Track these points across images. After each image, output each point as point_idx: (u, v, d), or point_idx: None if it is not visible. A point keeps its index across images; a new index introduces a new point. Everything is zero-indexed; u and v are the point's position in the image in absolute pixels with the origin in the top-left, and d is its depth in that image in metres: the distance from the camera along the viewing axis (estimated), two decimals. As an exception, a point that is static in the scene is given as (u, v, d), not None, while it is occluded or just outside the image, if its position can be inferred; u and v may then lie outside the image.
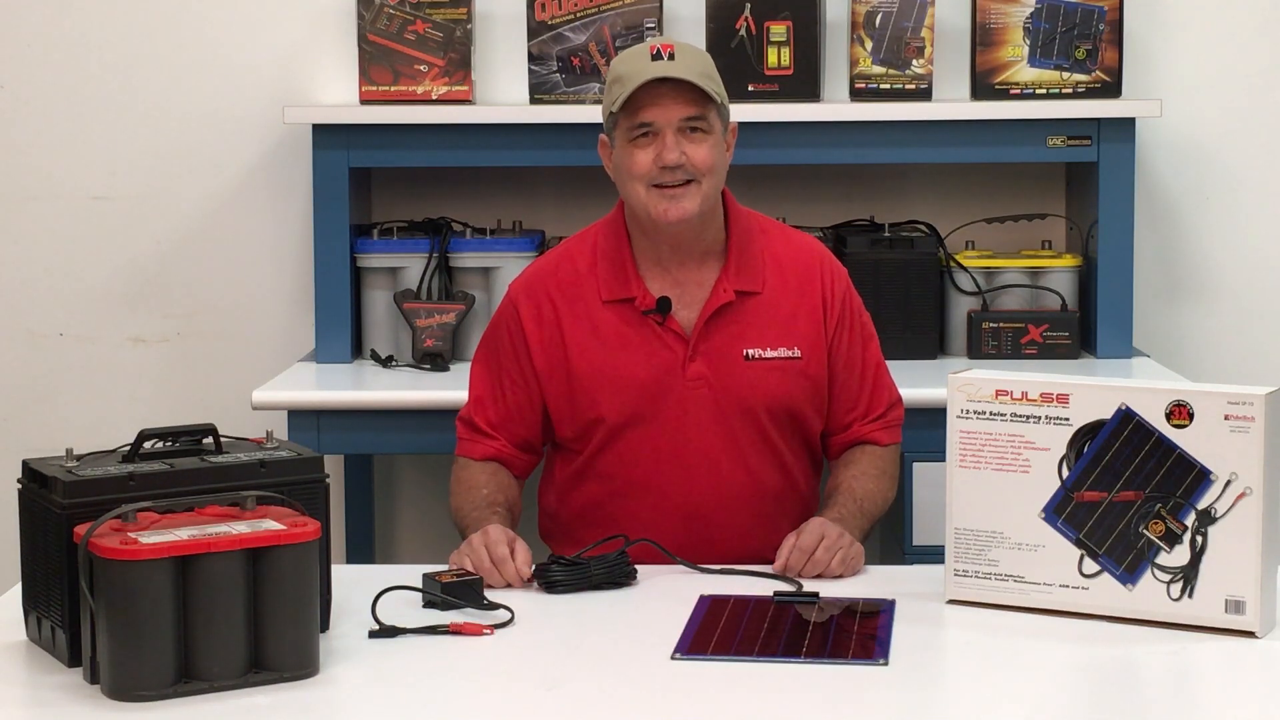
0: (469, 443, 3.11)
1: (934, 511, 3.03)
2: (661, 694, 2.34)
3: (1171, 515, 2.55)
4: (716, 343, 3.01)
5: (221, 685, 2.29)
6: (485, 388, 3.10)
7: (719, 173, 2.98)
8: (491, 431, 3.09)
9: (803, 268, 3.07)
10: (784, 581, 2.77)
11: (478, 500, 3.03)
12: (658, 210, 2.94)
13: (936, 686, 2.45)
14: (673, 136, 2.92)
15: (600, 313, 3.02)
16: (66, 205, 4.33)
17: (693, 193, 2.94)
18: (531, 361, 3.04)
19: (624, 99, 2.91)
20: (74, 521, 2.34)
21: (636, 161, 2.94)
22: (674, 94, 2.92)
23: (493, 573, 2.74)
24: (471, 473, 3.09)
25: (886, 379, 3.12)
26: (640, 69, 2.93)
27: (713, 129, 2.95)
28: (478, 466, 3.09)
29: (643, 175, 2.94)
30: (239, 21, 4.28)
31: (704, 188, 2.95)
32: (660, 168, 2.92)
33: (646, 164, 2.93)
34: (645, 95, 2.91)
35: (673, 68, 2.92)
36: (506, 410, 3.08)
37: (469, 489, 3.06)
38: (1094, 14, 4.07)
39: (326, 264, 4.05)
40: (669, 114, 2.92)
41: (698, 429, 3.00)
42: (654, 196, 2.94)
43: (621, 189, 3.00)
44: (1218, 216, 4.31)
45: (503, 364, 3.08)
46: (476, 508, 3.01)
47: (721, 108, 2.97)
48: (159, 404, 4.33)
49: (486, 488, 3.05)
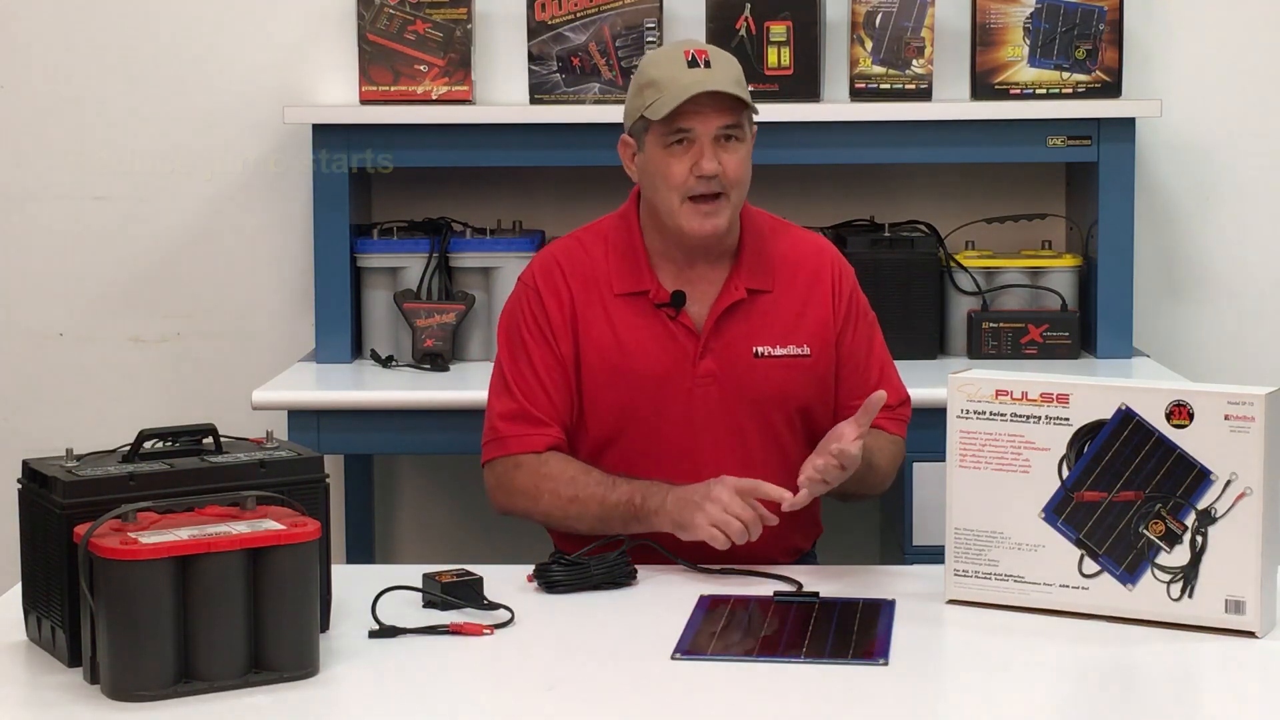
0: (524, 438, 2.97)
1: (934, 511, 3.03)
2: (661, 694, 2.34)
3: (1171, 515, 2.55)
4: (727, 339, 3.01)
5: (221, 685, 2.29)
6: (522, 378, 3.00)
7: (745, 183, 2.99)
8: (547, 421, 2.98)
9: (812, 266, 3.07)
10: (784, 581, 2.77)
11: (602, 479, 2.92)
12: (690, 225, 2.95)
13: (936, 686, 2.45)
14: (710, 146, 2.92)
15: (613, 304, 3.02)
16: (66, 205, 4.33)
17: (722, 207, 2.95)
18: (560, 345, 3.00)
19: (666, 108, 2.90)
20: (74, 521, 2.34)
21: (673, 171, 2.93)
22: (713, 103, 2.91)
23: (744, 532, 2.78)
24: (555, 465, 2.95)
25: (896, 378, 3.11)
26: (677, 76, 2.91)
27: (745, 136, 2.96)
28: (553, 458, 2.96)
29: (679, 186, 2.93)
30: (239, 21, 4.29)
31: (732, 200, 2.96)
32: (697, 177, 2.92)
33: (683, 174, 2.93)
34: (685, 103, 2.90)
35: (713, 77, 2.91)
36: (550, 401, 2.99)
37: (571, 479, 2.93)
38: (1094, 14, 4.07)
39: (326, 264, 4.05)
40: (708, 123, 2.92)
41: (706, 425, 3.00)
42: (687, 211, 2.94)
43: (651, 194, 2.99)
44: (1218, 216, 4.31)
45: (533, 353, 3.00)
46: (614, 486, 2.90)
47: (753, 113, 2.98)
48: (159, 404, 4.33)
49: (590, 469, 2.94)
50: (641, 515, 2.87)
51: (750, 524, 2.79)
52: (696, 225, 2.95)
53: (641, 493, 2.89)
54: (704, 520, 2.80)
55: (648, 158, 2.97)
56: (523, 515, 3.00)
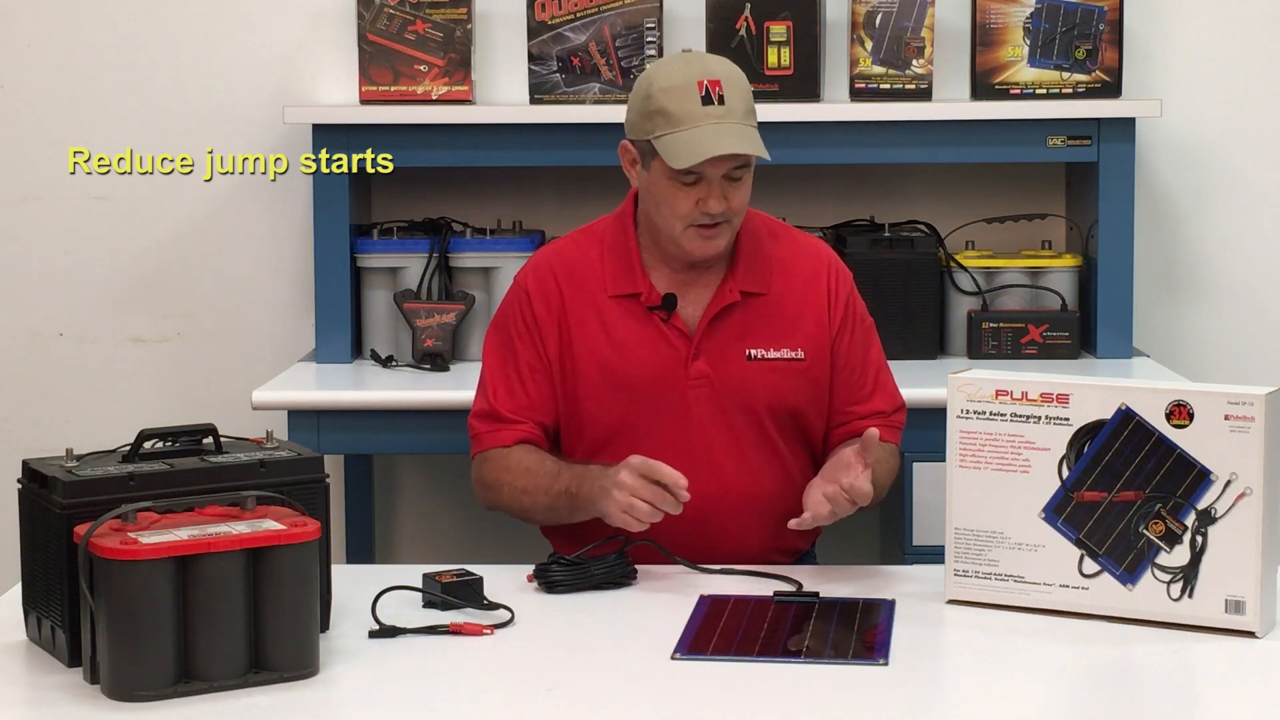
0: (495, 433, 3.02)
1: (934, 511, 3.03)
2: (661, 694, 2.34)
3: (1171, 515, 2.55)
4: (720, 342, 3.00)
5: (221, 685, 2.30)
6: (502, 378, 3.03)
7: (747, 205, 2.99)
8: (517, 418, 3.01)
9: (809, 270, 3.06)
10: (784, 582, 2.77)
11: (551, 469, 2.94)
12: (692, 247, 2.95)
13: (936, 686, 2.45)
14: (719, 186, 2.91)
15: (606, 306, 3.02)
16: (66, 205, 4.33)
17: (724, 232, 2.95)
18: (545, 348, 3.01)
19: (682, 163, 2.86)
20: (74, 521, 2.34)
21: (679, 203, 2.92)
22: None
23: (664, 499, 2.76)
24: (515, 458, 2.99)
25: (891, 384, 3.11)
26: (691, 113, 2.86)
27: (751, 164, 2.95)
28: (517, 451, 2.99)
29: (683, 216, 2.93)
30: (239, 21, 4.29)
31: (734, 225, 2.97)
32: (702, 211, 2.92)
33: (688, 207, 2.92)
34: None
35: (727, 118, 2.87)
36: (528, 399, 3.01)
37: (526, 470, 2.96)
38: (1094, 14, 4.07)
39: (326, 264, 4.05)
40: (719, 167, 2.90)
41: (699, 428, 3.00)
42: (690, 235, 2.94)
43: (653, 213, 2.97)
44: (1218, 216, 4.31)
45: (518, 352, 3.03)
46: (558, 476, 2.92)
47: None
48: (159, 404, 4.33)
49: (547, 459, 2.97)
50: (579, 504, 2.89)
51: (658, 501, 2.77)
52: (699, 247, 2.95)
53: (576, 480, 2.90)
54: (614, 508, 2.80)
55: (652, 180, 2.95)
56: (495, 509, 3.04)
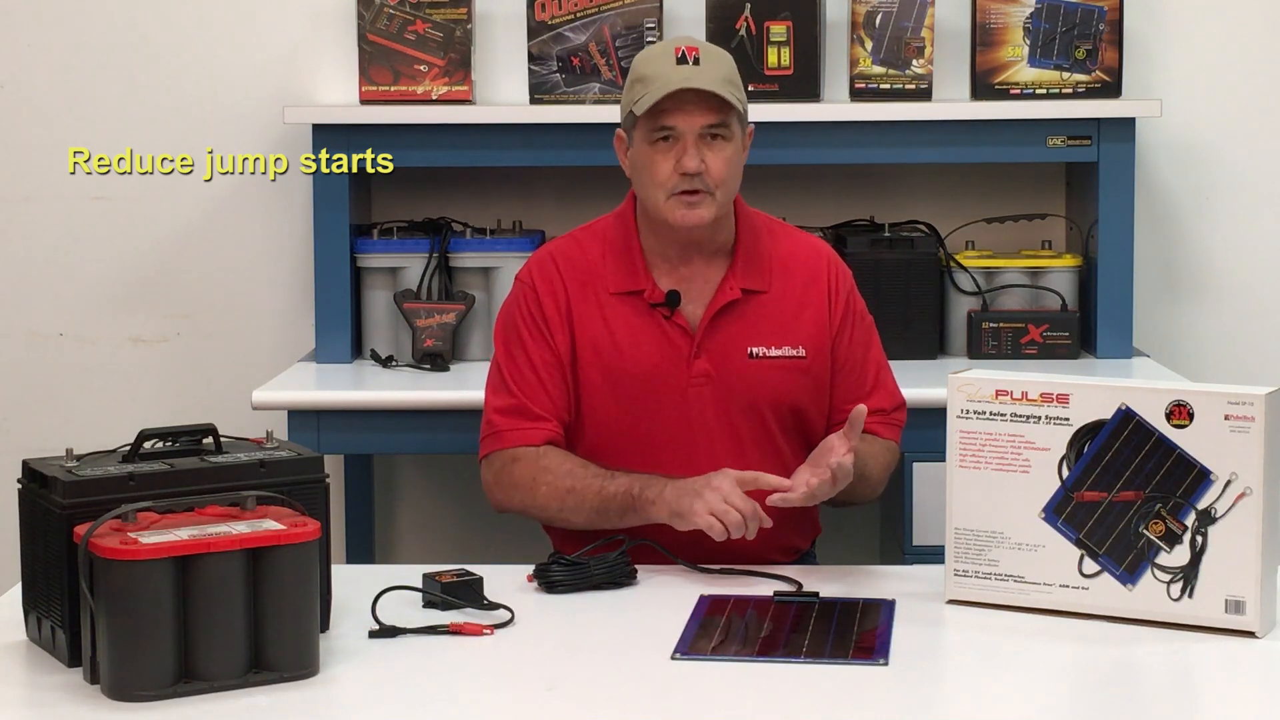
0: (520, 431, 2.98)
1: (934, 511, 3.03)
2: (661, 694, 2.34)
3: (1171, 515, 2.55)
4: (721, 340, 3.01)
5: (221, 685, 2.29)
6: (519, 374, 3.00)
7: (733, 182, 2.99)
8: (545, 415, 2.99)
9: (809, 268, 3.07)
10: (784, 581, 2.77)
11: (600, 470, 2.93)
12: (674, 216, 2.95)
13: (936, 686, 2.45)
14: (694, 143, 2.92)
15: (608, 302, 3.02)
16: (66, 205, 4.33)
17: (707, 203, 2.95)
18: (555, 341, 3.01)
19: (648, 104, 2.91)
20: (74, 521, 2.34)
21: (657, 168, 2.94)
22: (697, 100, 2.92)
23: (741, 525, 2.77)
24: (554, 457, 2.96)
25: (891, 382, 3.11)
26: (664, 72, 2.92)
27: (733, 135, 2.96)
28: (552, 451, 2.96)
29: (663, 183, 2.94)
30: (239, 21, 4.28)
31: (718, 199, 2.96)
32: (680, 174, 2.93)
33: (667, 171, 2.93)
34: (669, 100, 2.91)
35: (698, 75, 2.92)
36: (547, 395, 2.99)
37: (569, 471, 2.93)
38: (1094, 14, 4.07)
39: (326, 264, 4.05)
40: (692, 121, 2.92)
41: (700, 425, 3.00)
42: (672, 203, 2.95)
43: (639, 188, 3.00)
44: (1218, 216, 4.31)
45: (529, 348, 3.01)
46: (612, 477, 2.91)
47: (742, 113, 2.97)
48: (159, 404, 4.33)
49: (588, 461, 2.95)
50: (639, 506, 2.87)
51: (748, 517, 2.79)
52: (680, 216, 2.95)
53: (640, 483, 2.89)
54: (703, 508, 2.79)
55: (636, 152, 2.98)
56: (519, 509, 3.00)
